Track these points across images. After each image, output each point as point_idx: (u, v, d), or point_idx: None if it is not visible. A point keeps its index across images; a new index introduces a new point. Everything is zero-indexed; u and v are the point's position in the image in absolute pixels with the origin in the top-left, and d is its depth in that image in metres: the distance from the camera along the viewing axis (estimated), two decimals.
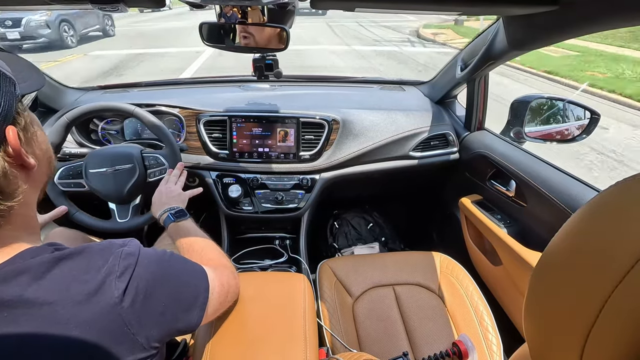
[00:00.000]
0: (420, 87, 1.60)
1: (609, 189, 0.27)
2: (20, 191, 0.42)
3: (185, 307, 0.51)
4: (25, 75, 0.49)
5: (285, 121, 1.25)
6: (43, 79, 0.52)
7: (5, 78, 0.42)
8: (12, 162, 0.41)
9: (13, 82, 0.43)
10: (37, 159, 0.46)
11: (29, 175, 0.45)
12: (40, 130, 0.49)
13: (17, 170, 0.42)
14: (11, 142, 0.40)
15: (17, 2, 0.82)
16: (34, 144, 0.46)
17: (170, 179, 0.98)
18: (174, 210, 0.84)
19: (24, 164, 0.43)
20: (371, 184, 1.59)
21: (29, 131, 0.45)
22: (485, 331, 0.95)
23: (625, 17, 0.63)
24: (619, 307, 0.22)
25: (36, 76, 0.51)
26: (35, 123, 0.48)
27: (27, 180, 0.45)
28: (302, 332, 0.69)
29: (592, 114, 1.12)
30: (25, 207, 0.45)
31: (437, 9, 0.78)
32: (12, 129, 0.41)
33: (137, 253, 0.47)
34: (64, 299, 0.39)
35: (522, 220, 1.08)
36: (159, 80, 1.62)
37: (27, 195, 0.45)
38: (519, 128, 1.21)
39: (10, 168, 0.41)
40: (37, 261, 0.41)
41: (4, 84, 0.41)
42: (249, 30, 1.01)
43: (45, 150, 0.50)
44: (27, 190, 0.45)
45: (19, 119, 0.43)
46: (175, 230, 0.79)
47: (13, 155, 0.41)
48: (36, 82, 0.50)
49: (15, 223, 0.43)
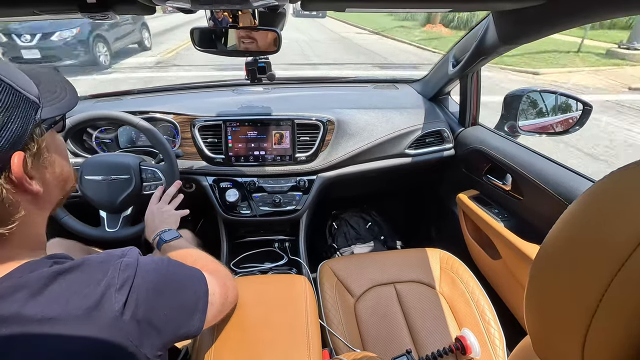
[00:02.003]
0: (413, 85, 1.60)
1: (603, 179, 0.28)
2: (17, 217, 0.41)
3: (186, 312, 0.51)
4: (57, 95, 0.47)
5: (280, 123, 1.25)
6: (75, 101, 0.50)
7: (27, 102, 0.41)
8: (12, 189, 0.40)
9: (35, 107, 0.42)
10: (46, 184, 0.45)
11: (34, 200, 0.44)
12: (58, 155, 0.48)
13: (19, 196, 0.41)
14: (14, 170, 0.39)
15: (4, 14, 0.81)
16: (45, 169, 0.45)
17: (164, 198, 0.98)
18: (166, 232, 0.84)
19: (27, 190, 0.42)
20: (368, 183, 1.59)
21: (40, 157, 0.44)
22: (487, 325, 0.95)
23: (613, 9, 0.64)
24: (619, 295, 0.23)
25: (68, 97, 0.49)
26: (54, 147, 0.47)
27: (31, 204, 0.43)
28: (305, 334, 0.68)
29: (584, 105, 1.13)
30: (28, 228, 0.44)
31: (427, 6, 0.78)
32: (18, 155, 0.39)
33: (136, 264, 0.47)
34: (64, 315, 0.39)
35: (520, 213, 1.09)
36: (151, 87, 1.61)
37: (31, 218, 0.44)
38: (513, 122, 1.22)
39: (8, 195, 0.39)
40: (35, 276, 0.40)
41: (23, 109, 0.40)
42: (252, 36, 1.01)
43: (58, 174, 0.48)
44: (31, 213, 0.44)
45: (30, 145, 0.41)
46: (166, 250, 0.79)
47: (15, 182, 0.40)
48: (65, 104, 0.48)
49: (15, 243, 0.42)
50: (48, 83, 0.47)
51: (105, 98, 1.51)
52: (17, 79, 0.40)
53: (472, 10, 0.84)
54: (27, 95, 0.41)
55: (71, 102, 0.49)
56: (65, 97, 0.48)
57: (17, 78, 0.41)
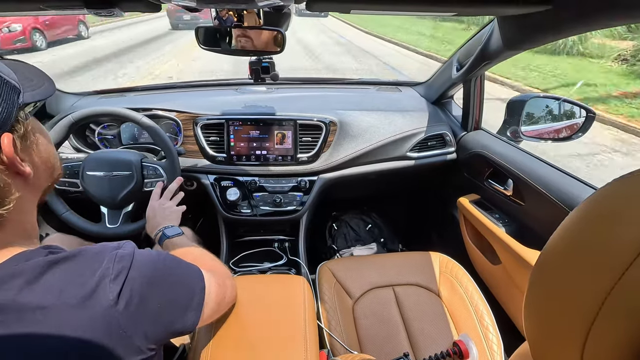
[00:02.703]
0: (417, 88, 1.60)
1: (606, 187, 0.28)
2: (12, 198, 0.42)
3: (180, 307, 0.51)
4: (35, 83, 0.49)
5: (282, 123, 1.25)
6: (53, 88, 0.52)
7: (9, 86, 0.43)
8: (4, 169, 0.41)
9: (17, 91, 0.44)
10: (35, 167, 0.46)
11: (26, 183, 0.45)
12: (44, 139, 0.50)
13: (11, 177, 0.42)
14: (5, 150, 0.41)
15: (12, 8, 0.81)
16: (32, 152, 0.46)
17: (165, 194, 0.98)
18: (169, 228, 0.85)
19: (19, 171, 0.43)
20: (369, 185, 1.59)
21: (28, 139, 0.45)
22: (485, 330, 0.95)
23: (618, 16, 0.64)
24: (618, 303, 0.23)
25: (47, 84, 0.52)
26: (38, 131, 0.49)
27: (23, 188, 0.45)
28: (303, 335, 0.68)
29: (588, 112, 1.13)
30: (21, 214, 0.45)
31: (432, 9, 0.78)
32: (7, 136, 0.41)
33: (132, 255, 0.47)
34: (58, 303, 0.39)
35: (521, 219, 1.09)
36: (155, 84, 1.62)
37: (24, 202, 0.45)
38: (516, 127, 1.22)
39: (2, 175, 0.41)
40: (30, 265, 0.40)
41: (5, 92, 0.42)
42: (247, 34, 1.01)
43: (45, 158, 0.50)
44: (24, 197, 0.44)
45: (17, 127, 0.43)
46: (168, 246, 0.80)
47: (6, 162, 0.41)
48: (45, 91, 0.50)
49: (10, 229, 0.43)
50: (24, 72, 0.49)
51: (108, 94, 1.52)
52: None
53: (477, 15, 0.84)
54: (7, 79, 0.43)
55: (49, 89, 0.51)
56: (43, 85, 0.50)
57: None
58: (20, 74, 0.47)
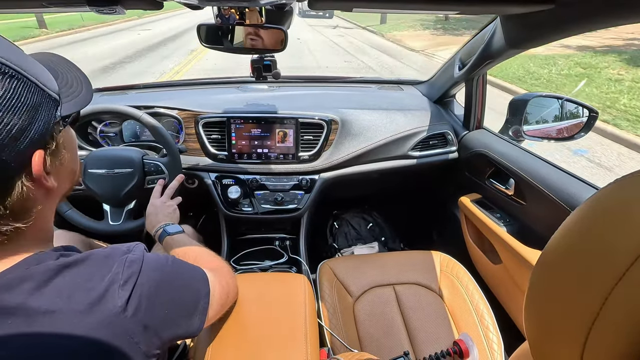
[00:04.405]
0: (419, 87, 1.60)
1: (608, 187, 0.27)
2: (34, 212, 0.41)
3: (187, 312, 0.51)
4: (74, 89, 0.47)
5: (284, 122, 1.25)
6: (91, 95, 0.50)
7: (50, 100, 0.40)
8: (30, 185, 0.40)
9: (56, 104, 0.41)
10: (59, 179, 0.45)
11: (48, 195, 0.44)
12: (71, 151, 0.48)
13: (36, 192, 0.41)
14: (35, 168, 0.39)
15: (14, 5, 0.81)
16: (60, 165, 0.45)
17: (167, 192, 0.98)
18: (170, 225, 0.85)
19: (43, 186, 0.42)
20: (370, 183, 1.59)
21: (57, 156, 0.43)
22: (485, 330, 0.95)
23: (621, 15, 0.63)
24: (619, 304, 0.23)
25: (84, 92, 0.48)
26: (68, 144, 0.46)
27: (45, 199, 0.44)
28: (303, 333, 0.68)
29: (590, 111, 1.12)
30: (40, 222, 0.44)
31: (435, 8, 0.78)
32: (39, 153, 0.39)
33: (141, 260, 0.47)
34: (66, 308, 0.39)
35: (522, 218, 1.08)
36: (157, 82, 1.62)
37: (44, 211, 0.44)
38: (518, 126, 1.21)
39: (27, 192, 0.39)
40: (41, 269, 0.40)
41: (46, 107, 0.39)
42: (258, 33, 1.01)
43: (70, 169, 0.48)
44: (45, 206, 0.44)
45: (50, 143, 0.41)
46: (170, 243, 0.80)
47: (34, 179, 0.40)
48: (83, 99, 0.47)
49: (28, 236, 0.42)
50: (65, 76, 0.47)
51: (110, 92, 1.52)
52: (39, 75, 0.39)
53: (479, 13, 0.84)
54: (49, 93, 0.40)
55: (87, 96, 0.49)
56: (82, 92, 0.48)
57: (39, 73, 0.40)
58: (61, 79, 0.45)
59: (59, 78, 0.45)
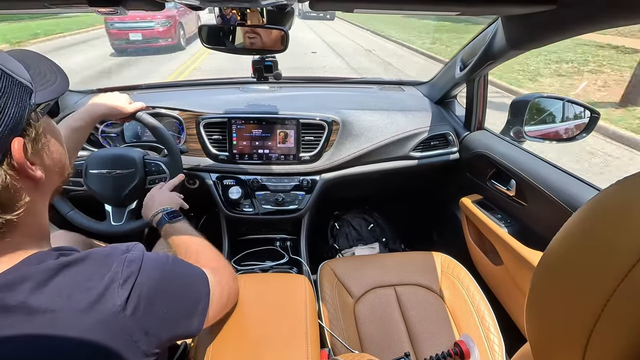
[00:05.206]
0: (420, 88, 1.60)
1: (610, 188, 0.27)
2: (22, 204, 0.41)
3: (187, 313, 0.51)
4: (48, 78, 0.47)
5: (285, 122, 1.25)
6: (66, 83, 0.50)
7: (21, 87, 0.40)
8: (15, 175, 0.39)
9: (29, 92, 0.41)
10: (46, 170, 0.44)
11: (36, 186, 0.43)
12: (55, 139, 0.47)
13: (22, 182, 0.40)
14: (15, 156, 0.39)
15: (17, 6, 0.82)
16: (44, 154, 0.44)
17: (166, 186, 0.98)
18: (168, 210, 0.83)
19: (29, 176, 0.41)
20: (371, 184, 1.58)
21: (39, 142, 0.43)
22: (486, 331, 0.95)
23: (622, 16, 0.63)
24: (621, 305, 0.22)
25: (60, 81, 0.48)
26: (50, 132, 0.46)
27: (34, 191, 0.43)
28: (304, 334, 0.68)
29: (592, 112, 1.12)
30: (32, 216, 0.44)
31: (436, 9, 0.78)
32: (18, 140, 0.39)
33: (141, 259, 0.47)
34: (66, 307, 0.39)
35: (523, 219, 1.08)
36: (158, 83, 1.62)
37: (35, 205, 0.44)
38: (519, 127, 1.21)
39: (12, 181, 0.39)
40: (41, 268, 0.40)
41: (17, 94, 0.39)
42: (256, 31, 1.01)
43: (57, 159, 0.48)
44: (35, 199, 0.43)
45: (28, 130, 0.41)
46: (169, 231, 0.79)
47: (17, 168, 0.39)
48: (58, 87, 0.47)
49: (22, 232, 0.42)
50: (37, 67, 0.47)
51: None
52: (7, 63, 0.40)
53: (481, 14, 0.84)
54: (19, 80, 0.40)
55: (63, 84, 0.49)
56: (56, 81, 0.48)
57: (7, 62, 0.40)
58: (33, 70, 0.45)
59: (31, 69, 0.45)
